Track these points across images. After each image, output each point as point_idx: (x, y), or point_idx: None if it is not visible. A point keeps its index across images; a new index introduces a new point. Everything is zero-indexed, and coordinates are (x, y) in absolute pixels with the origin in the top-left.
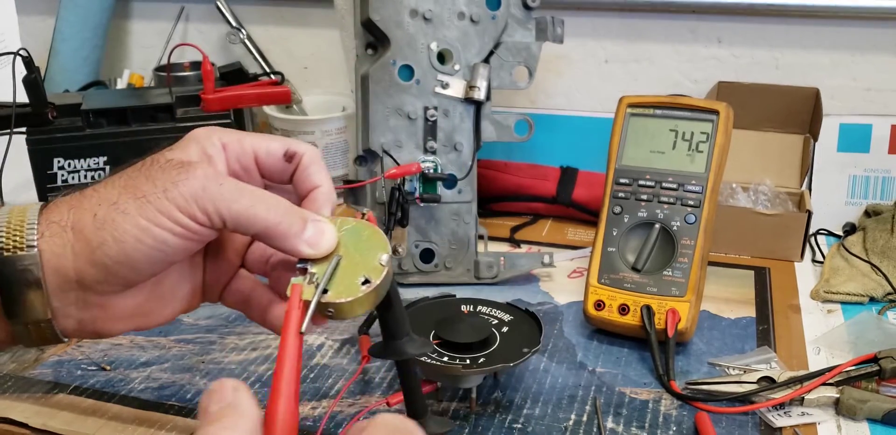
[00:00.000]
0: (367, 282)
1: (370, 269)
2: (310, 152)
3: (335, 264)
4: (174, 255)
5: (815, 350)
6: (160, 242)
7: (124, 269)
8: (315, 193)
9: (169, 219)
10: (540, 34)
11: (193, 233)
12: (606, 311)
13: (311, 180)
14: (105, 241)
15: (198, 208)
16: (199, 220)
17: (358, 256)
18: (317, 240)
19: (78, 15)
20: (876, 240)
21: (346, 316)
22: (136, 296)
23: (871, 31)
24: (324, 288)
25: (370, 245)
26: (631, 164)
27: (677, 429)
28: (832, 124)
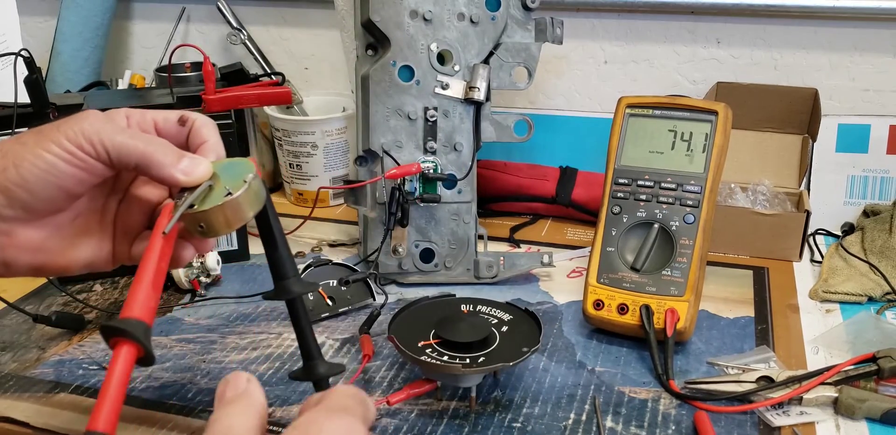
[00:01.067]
0: (230, 193)
1: (235, 185)
2: (202, 118)
3: (205, 187)
4: (66, 180)
5: (813, 350)
6: (51, 166)
7: (22, 191)
8: (203, 147)
9: (58, 146)
10: (539, 35)
11: (80, 161)
12: (605, 310)
13: (201, 137)
14: (6, 166)
15: (83, 138)
16: (85, 149)
17: (229, 181)
18: (191, 169)
19: (79, 15)
20: (874, 240)
21: (215, 229)
22: (41, 229)
23: (870, 31)
24: (190, 203)
25: (241, 171)
26: (630, 165)
27: (676, 428)
28: (831, 125)
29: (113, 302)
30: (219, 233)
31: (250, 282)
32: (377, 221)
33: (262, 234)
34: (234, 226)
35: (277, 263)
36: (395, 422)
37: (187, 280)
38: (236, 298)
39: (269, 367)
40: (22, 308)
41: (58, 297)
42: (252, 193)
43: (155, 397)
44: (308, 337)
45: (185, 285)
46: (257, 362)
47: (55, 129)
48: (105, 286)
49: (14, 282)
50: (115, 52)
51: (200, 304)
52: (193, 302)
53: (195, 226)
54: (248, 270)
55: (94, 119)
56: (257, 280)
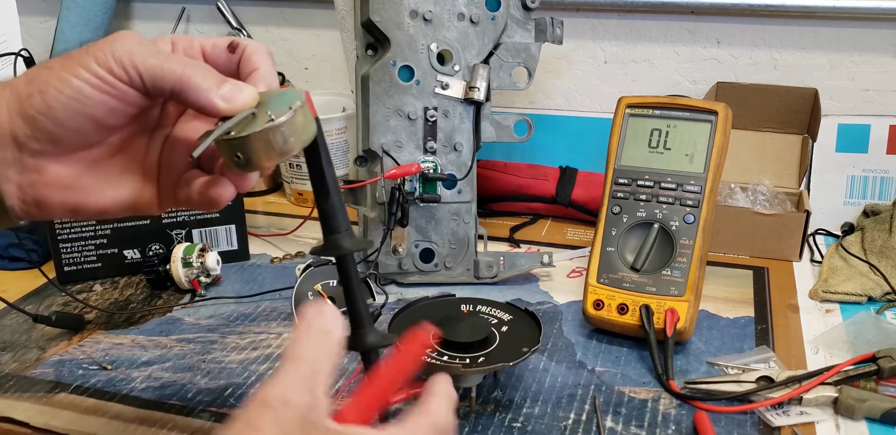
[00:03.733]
0: (272, 120)
1: (278, 112)
2: (253, 44)
3: (247, 114)
4: (94, 108)
5: (813, 350)
6: (77, 92)
7: (47, 120)
8: (254, 75)
9: (86, 70)
10: (539, 35)
11: (110, 85)
12: (605, 310)
13: (252, 64)
14: (31, 93)
15: (114, 61)
16: (115, 72)
17: (274, 108)
18: (233, 95)
19: (79, 16)
20: (874, 240)
21: (254, 160)
22: (73, 165)
23: (870, 31)
24: (227, 129)
25: (289, 100)
26: (630, 165)
27: (676, 428)
28: (831, 125)
29: (113, 302)
30: (259, 165)
31: (250, 282)
32: (377, 221)
33: (313, 178)
34: (276, 158)
35: (328, 215)
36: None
37: (187, 280)
38: (236, 298)
39: (269, 367)
40: (22, 308)
41: (58, 297)
42: (298, 122)
43: (155, 397)
44: (358, 301)
45: (185, 285)
46: (257, 362)
47: (85, 52)
48: (105, 286)
49: (14, 282)
50: None
51: (200, 304)
52: (193, 302)
53: (232, 156)
54: (248, 269)
55: (128, 40)
56: (257, 280)
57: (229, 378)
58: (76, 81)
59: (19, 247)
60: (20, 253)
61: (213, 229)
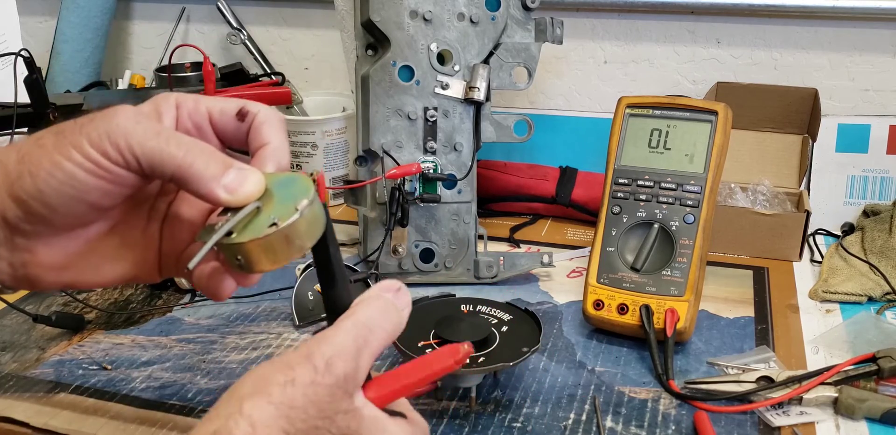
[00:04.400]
0: (275, 225)
1: (283, 213)
2: (264, 111)
3: (252, 209)
4: (87, 193)
5: (813, 350)
6: (70, 177)
7: (38, 204)
8: (262, 151)
9: (79, 152)
10: (539, 35)
11: (105, 170)
12: (605, 310)
13: (262, 138)
14: (22, 174)
15: (109, 143)
16: (111, 156)
17: (280, 205)
18: (236, 185)
19: (79, 16)
20: (874, 240)
21: (254, 264)
22: (66, 246)
23: (870, 31)
24: (228, 229)
25: (298, 193)
26: (630, 165)
27: (676, 428)
28: (830, 125)
29: (113, 302)
30: (261, 269)
31: None
32: (377, 221)
33: (319, 267)
34: (281, 262)
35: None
36: None
37: (187, 280)
38: (236, 298)
39: None
40: (22, 308)
41: (58, 297)
42: (305, 223)
43: (155, 397)
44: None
45: (186, 285)
46: (257, 362)
47: (78, 130)
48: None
49: None
50: (115, 53)
51: (200, 304)
52: (193, 302)
53: (233, 258)
54: None
55: (125, 118)
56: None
57: (229, 378)
58: (69, 165)
59: None
60: None
61: None
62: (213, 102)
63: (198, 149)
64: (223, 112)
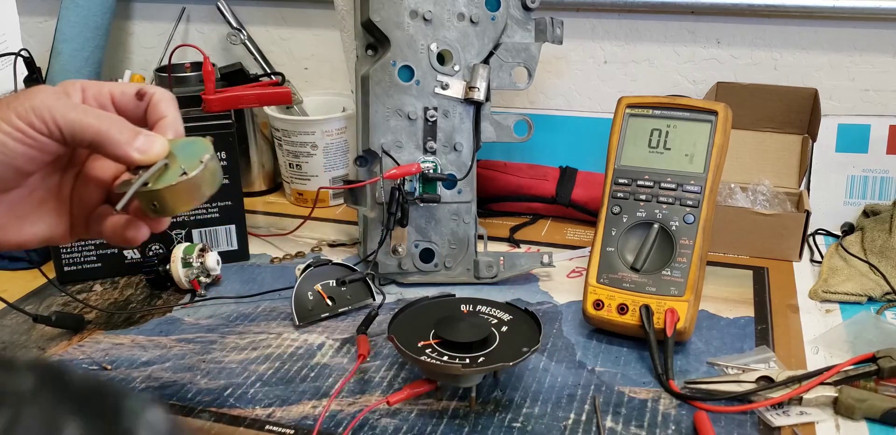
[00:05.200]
0: (185, 174)
1: (190, 165)
2: (160, 92)
3: (161, 165)
4: (18, 160)
5: (813, 350)
6: (1, 145)
7: None
8: (161, 122)
9: (8, 124)
10: (539, 35)
11: (31, 139)
12: (605, 310)
13: (158, 112)
14: None
15: (35, 116)
16: (37, 126)
17: (185, 159)
18: (147, 147)
19: (79, 16)
20: (874, 240)
21: (169, 209)
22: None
23: (870, 31)
24: (144, 181)
25: (199, 150)
26: (630, 165)
27: (676, 428)
28: (830, 125)
29: (112, 302)
30: (173, 212)
31: (250, 282)
32: (377, 221)
33: None
34: (189, 206)
35: None
36: (395, 422)
37: (187, 280)
38: (236, 298)
39: (269, 367)
40: (22, 308)
41: (57, 297)
42: (208, 174)
43: (155, 397)
44: None
45: (185, 285)
46: (257, 362)
47: (5, 106)
48: (105, 286)
49: (14, 282)
50: (115, 52)
51: (200, 304)
52: (193, 302)
53: (149, 204)
54: (248, 270)
55: (46, 95)
56: (257, 280)
57: (229, 378)
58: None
59: None
60: (20, 253)
61: (212, 229)
62: (114, 86)
63: (111, 119)
64: (124, 93)
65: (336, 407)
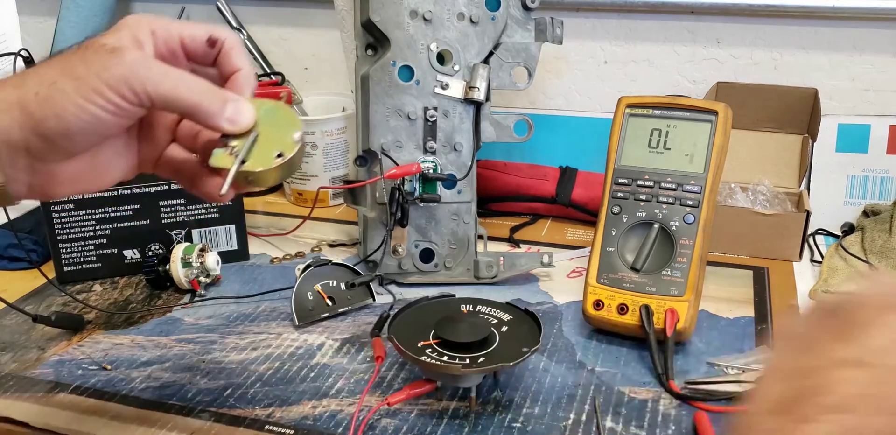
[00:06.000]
0: (281, 155)
1: (284, 144)
2: (231, 38)
3: (253, 139)
4: (108, 128)
5: None
6: (95, 118)
7: (64, 140)
8: (236, 76)
9: (101, 97)
10: (539, 35)
11: (123, 110)
12: (605, 310)
13: (233, 64)
14: (47, 116)
15: (127, 89)
16: (129, 99)
17: (273, 133)
18: (236, 117)
19: (79, 16)
20: (874, 240)
21: (263, 184)
22: (78, 164)
23: (870, 31)
24: (242, 159)
25: (285, 123)
26: (630, 165)
27: (676, 428)
28: (831, 125)
29: (112, 302)
30: (266, 186)
31: (250, 282)
32: (377, 221)
33: None
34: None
35: None
36: (395, 422)
37: (187, 280)
38: (236, 298)
39: (268, 367)
40: (22, 308)
41: (57, 297)
42: (300, 152)
43: (155, 397)
44: None
45: (185, 285)
46: (257, 362)
47: (95, 76)
48: (105, 286)
49: (14, 282)
50: None
51: (200, 304)
52: (193, 302)
53: (244, 179)
54: (248, 270)
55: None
56: (257, 280)
57: (229, 378)
58: (93, 108)
59: (19, 247)
60: (20, 253)
61: (212, 229)
62: (183, 28)
63: (201, 89)
64: (194, 38)
65: (336, 407)
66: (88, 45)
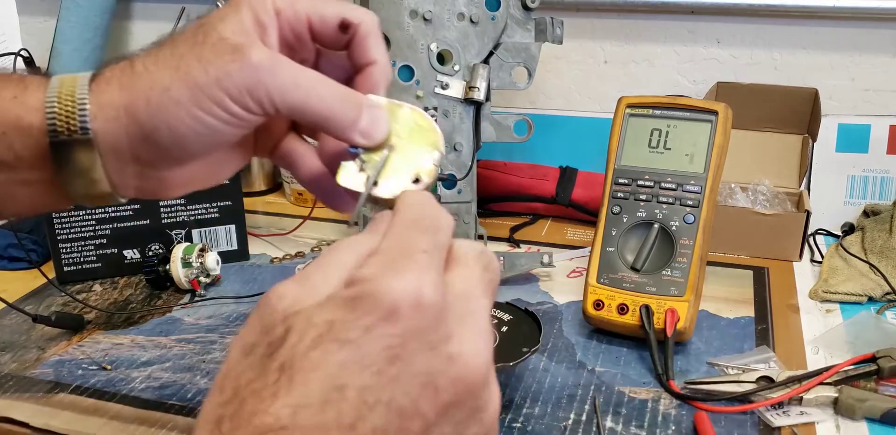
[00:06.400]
0: (417, 181)
1: (421, 167)
2: (366, 22)
3: (386, 155)
4: (226, 138)
5: (813, 350)
6: (211, 129)
7: (178, 150)
8: (370, 70)
9: (221, 108)
10: (539, 35)
11: (245, 120)
12: (605, 310)
13: (367, 54)
14: (158, 127)
15: (251, 99)
16: (252, 109)
17: (410, 150)
18: (370, 130)
19: (79, 16)
20: (874, 240)
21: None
22: (192, 168)
23: (870, 31)
24: (374, 180)
25: (422, 137)
26: (630, 165)
27: (676, 428)
28: (831, 125)
29: (112, 302)
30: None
31: (250, 282)
32: None
33: None
34: None
35: None
36: None
37: (187, 280)
38: (236, 298)
39: None
40: (21, 308)
41: (57, 297)
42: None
43: (155, 397)
44: None
45: (185, 285)
46: None
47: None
48: (104, 286)
49: (14, 282)
50: (115, 52)
51: (200, 304)
52: (193, 302)
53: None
54: (248, 270)
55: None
56: (257, 280)
57: None
58: (211, 120)
59: (19, 247)
60: (20, 253)
61: (212, 229)
62: (311, 7)
63: (334, 96)
64: (324, 21)
65: None
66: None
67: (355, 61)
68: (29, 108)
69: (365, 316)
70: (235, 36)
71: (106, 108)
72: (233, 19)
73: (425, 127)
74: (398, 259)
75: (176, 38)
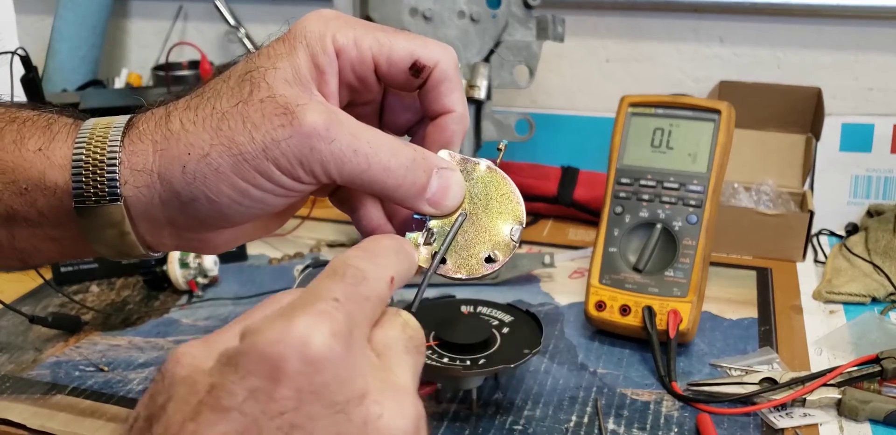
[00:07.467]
0: (490, 260)
1: (497, 241)
2: (442, 63)
3: (458, 225)
4: (273, 208)
5: (817, 351)
6: (257, 202)
7: (218, 221)
8: (445, 120)
9: (269, 181)
10: (541, 33)
11: (295, 191)
12: (607, 311)
13: (441, 103)
14: (196, 197)
15: (302, 170)
16: (303, 180)
17: (485, 218)
18: (440, 200)
19: (76, 14)
20: (878, 240)
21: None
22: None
23: (874, 30)
24: (442, 257)
25: (500, 205)
26: (632, 164)
27: (679, 430)
28: (834, 124)
29: (109, 303)
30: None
31: (248, 283)
32: None
33: None
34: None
35: None
36: None
37: (184, 281)
38: (234, 300)
39: None
40: (18, 309)
41: (54, 298)
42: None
43: None
44: None
45: (183, 286)
46: None
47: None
48: (102, 287)
49: (10, 283)
50: (112, 51)
51: (198, 305)
52: (191, 303)
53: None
54: (246, 271)
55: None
56: (255, 281)
57: None
58: (256, 192)
59: None
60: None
61: None
62: (378, 46)
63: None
64: (392, 62)
65: None
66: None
67: (428, 108)
68: (54, 165)
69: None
70: (288, 89)
71: (138, 174)
72: (286, 65)
73: (504, 188)
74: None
75: (219, 88)
